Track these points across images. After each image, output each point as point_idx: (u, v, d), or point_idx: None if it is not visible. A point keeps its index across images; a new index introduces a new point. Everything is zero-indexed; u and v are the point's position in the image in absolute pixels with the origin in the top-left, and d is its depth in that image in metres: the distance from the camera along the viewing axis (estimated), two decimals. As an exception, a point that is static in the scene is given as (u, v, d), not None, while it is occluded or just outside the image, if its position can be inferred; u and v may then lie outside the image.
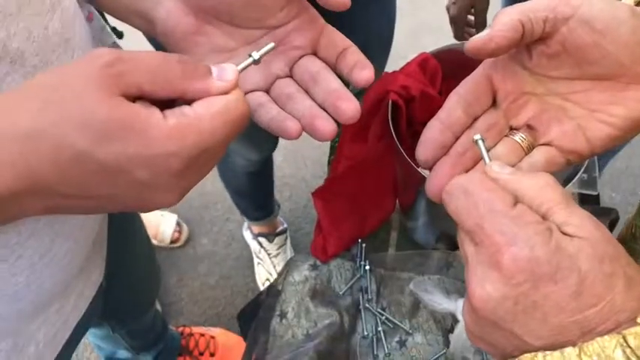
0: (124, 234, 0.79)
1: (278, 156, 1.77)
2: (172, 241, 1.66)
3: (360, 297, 0.80)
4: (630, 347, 0.30)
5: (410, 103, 0.72)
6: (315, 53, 0.43)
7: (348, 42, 0.43)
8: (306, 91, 0.42)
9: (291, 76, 0.43)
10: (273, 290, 0.82)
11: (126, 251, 0.81)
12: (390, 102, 0.71)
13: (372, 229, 0.85)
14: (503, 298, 0.33)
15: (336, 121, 0.41)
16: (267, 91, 0.43)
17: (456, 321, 0.73)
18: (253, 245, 1.61)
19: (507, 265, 0.32)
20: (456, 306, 0.73)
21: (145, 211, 0.36)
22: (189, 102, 0.33)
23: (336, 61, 0.42)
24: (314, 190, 0.82)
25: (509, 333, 0.33)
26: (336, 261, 0.82)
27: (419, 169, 0.68)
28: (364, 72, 0.41)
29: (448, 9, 1.06)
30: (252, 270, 1.64)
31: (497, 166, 0.37)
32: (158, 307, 1.43)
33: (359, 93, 0.93)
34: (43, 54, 0.38)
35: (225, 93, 0.33)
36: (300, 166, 1.85)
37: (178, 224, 1.69)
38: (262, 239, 1.57)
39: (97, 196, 0.31)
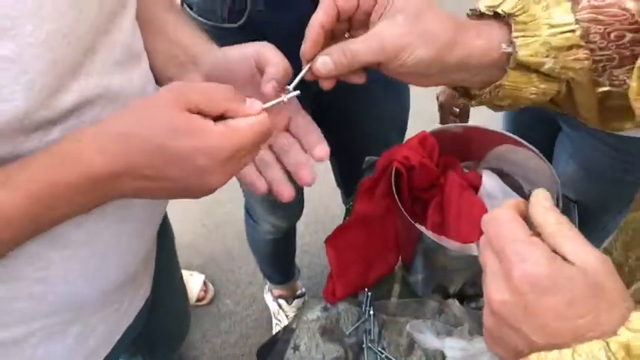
0: (167, 265, 0.94)
1: (300, 225, 1.92)
2: (198, 299, 1.80)
3: (364, 337, 0.92)
4: (611, 351, 0.38)
5: (410, 172, 0.87)
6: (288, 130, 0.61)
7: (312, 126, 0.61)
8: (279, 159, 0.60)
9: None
10: (289, 328, 0.94)
11: (166, 282, 0.95)
12: (394, 169, 0.87)
13: (376, 278, 0.98)
14: (515, 303, 0.42)
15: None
16: None
17: (444, 357, 0.84)
18: (273, 307, 1.73)
19: (518, 278, 0.42)
20: (443, 344, 0.85)
21: (202, 194, 0.51)
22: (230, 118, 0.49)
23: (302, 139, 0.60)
24: (327, 237, 0.97)
25: (520, 332, 0.42)
26: (344, 305, 0.95)
27: (417, 225, 0.82)
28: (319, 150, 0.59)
29: (438, 96, 1.24)
30: (270, 331, 1.75)
31: (542, 198, 0.47)
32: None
33: (372, 165, 1.10)
34: (128, 97, 0.56)
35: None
36: (320, 236, 1.99)
37: (205, 284, 1.83)
38: (282, 301, 1.70)
39: (171, 178, 0.47)
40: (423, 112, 1.39)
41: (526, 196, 0.91)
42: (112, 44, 0.54)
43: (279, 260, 1.59)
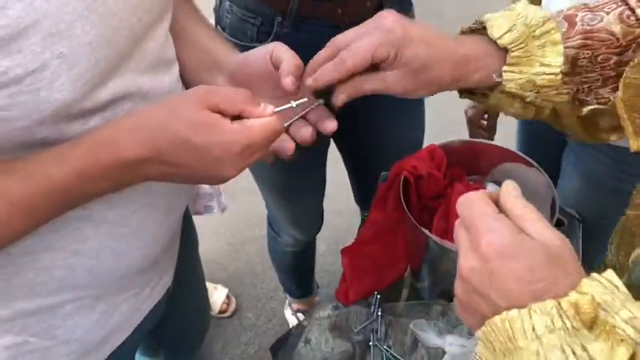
0: (189, 262, 1.02)
1: (321, 245, 1.99)
2: (221, 311, 1.87)
3: (371, 335, 0.98)
4: (562, 309, 0.42)
5: (419, 181, 0.94)
6: None
7: None
8: None
9: None
10: (301, 325, 1.01)
11: (188, 277, 1.02)
12: (403, 178, 0.94)
13: (387, 284, 1.04)
14: (482, 269, 0.46)
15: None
16: None
17: (444, 353, 0.90)
18: (292, 321, 1.80)
19: (484, 246, 0.47)
20: (443, 342, 0.91)
21: (217, 181, 0.59)
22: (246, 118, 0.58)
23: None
24: (343, 248, 1.04)
25: (486, 297, 0.46)
26: (355, 306, 1.02)
27: (424, 230, 0.89)
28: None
29: (466, 112, 1.32)
30: (288, 344, 1.81)
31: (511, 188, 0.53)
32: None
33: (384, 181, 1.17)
34: (157, 96, 0.65)
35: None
36: (339, 256, 2.05)
37: (228, 297, 1.90)
38: (300, 315, 1.76)
39: (190, 166, 0.56)
40: (432, 125, 1.46)
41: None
42: (146, 51, 0.63)
43: (298, 273, 1.66)
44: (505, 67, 0.62)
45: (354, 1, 1.01)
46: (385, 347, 0.96)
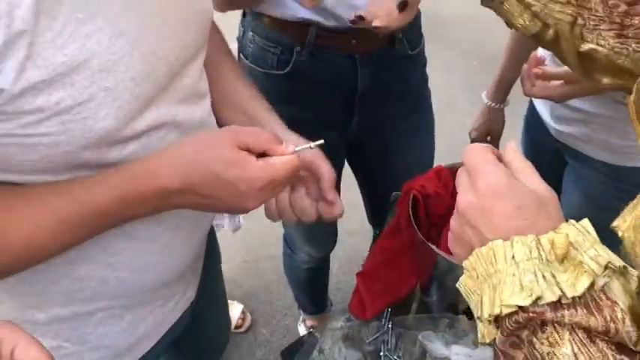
0: (212, 280, 1.08)
1: (335, 264, 2.05)
2: (237, 327, 1.93)
3: (382, 346, 1.03)
4: (540, 243, 0.48)
5: (427, 199, 1.01)
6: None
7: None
8: None
9: None
10: (314, 335, 1.07)
11: (211, 293, 1.08)
12: (412, 197, 1.00)
13: (399, 300, 1.10)
14: (476, 204, 0.53)
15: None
16: None
17: (450, 363, 0.95)
18: (305, 337, 1.85)
19: (481, 185, 0.53)
20: (450, 352, 0.96)
21: (240, 212, 0.66)
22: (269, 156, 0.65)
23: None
24: (358, 272, 1.11)
25: (477, 230, 0.53)
26: (367, 318, 1.07)
27: (431, 246, 0.95)
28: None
29: (470, 134, 1.39)
30: None
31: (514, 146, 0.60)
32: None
33: (394, 200, 1.24)
34: (190, 126, 0.72)
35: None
36: (352, 276, 2.11)
37: (243, 313, 1.96)
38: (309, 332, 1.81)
39: (218, 197, 0.63)
40: (440, 147, 1.53)
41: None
42: (181, 85, 0.70)
43: (312, 290, 1.71)
44: None
45: (368, 33, 1.08)
46: (395, 357, 1.01)
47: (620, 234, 0.53)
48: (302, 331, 1.88)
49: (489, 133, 1.38)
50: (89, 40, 0.56)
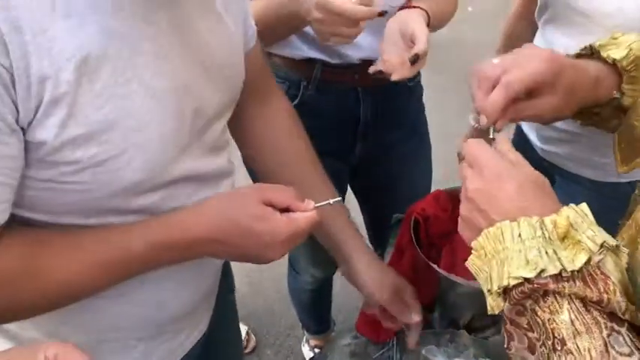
0: (225, 303, 1.12)
1: (336, 285, 2.11)
2: (242, 348, 1.98)
3: (388, 362, 1.10)
4: (544, 224, 0.54)
5: (427, 221, 1.08)
6: None
7: None
8: None
9: None
10: (323, 353, 1.13)
11: (224, 325, 1.10)
12: (413, 219, 1.07)
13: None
14: (483, 189, 0.60)
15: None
16: None
17: (452, 375, 1.02)
18: (309, 356, 1.90)
19: (486, 173, 0.60)
20: (452, 364, 1.03)
21: (264, 262, 0.73)
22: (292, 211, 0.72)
23: None
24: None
25: (484, 213, 0.59)
26: (372, 335, 1.14)
27: (432, 265, 1.02)
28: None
29: (458, 154, 1.47)
30: (306, 379, 1.91)
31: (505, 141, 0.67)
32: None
33: (398, 221, 1.31)
34: (209, 176, 0.79)
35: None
36: (353, 297, 2.17)
37: (248, 334, 2.01)
38: (318, 351, 1.87)
39: (244, 247, 0.70)
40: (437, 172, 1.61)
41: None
42: (205, 141, 0.78)
43: (316, 310, 1.78)
44: (624, 85, 0.74)
45: (368, 67, 1.17)
46: (400, 371, 1.08)
47: None
48: (305, 351, 1.93)
49: None
50: (124, 102, 0.63)
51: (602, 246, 0.53)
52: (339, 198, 0.80)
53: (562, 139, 1.23)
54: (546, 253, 0.54)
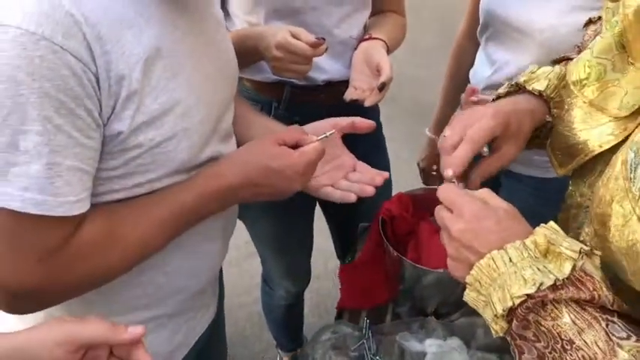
0: (220, 305, 1.21)
1: (305, 307, 2.20)
2: (216, 372, 2.03)
3: (365, 352, 1.20)
4: (525, 244, 0.61)
5: (393, 220, 1.21)
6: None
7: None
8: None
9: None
10: (305, 350, 1.22)
11: (219, 317, 1.20)
12: (381, 218, 1.20)
13: (373, 304, 1.27)
14: (467, 229, 0.66)
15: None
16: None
17: (424, 354, 1.13)
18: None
19: (466, 213, 0.67)
20: (424, 346, 1.14)
21: (289, 194, 0.87)
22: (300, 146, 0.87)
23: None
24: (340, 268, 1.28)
25: (472, 248, 0.65)
26: (349, 330, 1.24)
27: (401, 257, 1.14)
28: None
29: (418, 164, 1.62)
30: (280, 398, 1.97)
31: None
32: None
33: (364, 229, 1.43)
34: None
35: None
36: (321, 316, 2.27)
37: None
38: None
39: (270, 184, 0.83)
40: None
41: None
42: (222, 128, 0.91)
43: (289, 326, 1.86)
44: (553, 110, 0.86)
45: (333, 89, 1.31)
46: (378, 358, 1.18)
47: (588, 244, 0.69)
48: (280, 370, 2.00)
49: (435, 161, 1.62)
50: (174, 93, 0.76)
51: (580, 252, 0.60)
52: (333, 130, 0.96)
53: None
54: (538, 269, 0.60)
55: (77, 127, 0.68)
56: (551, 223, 0.65)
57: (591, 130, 0.76)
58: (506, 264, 0.62)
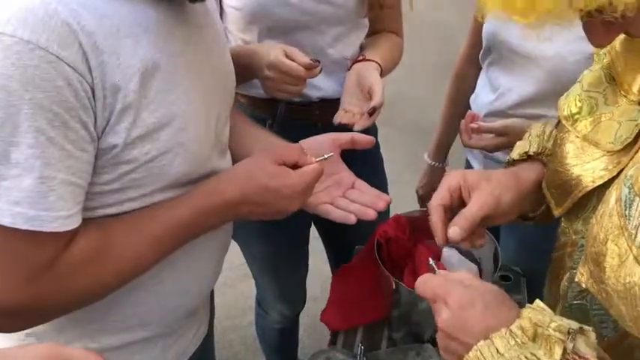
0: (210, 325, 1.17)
1: (300, 329, 2.15)
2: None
3: (360, 379, 1.15)
4: (512, 331, 0.59)
5: (389, 241, 1.17)
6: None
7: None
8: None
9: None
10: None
11: (209, 337, 1.15)
12: (376, 241, 1.16)
13: (368, 321, 1.23)
14: (452, 319, 0.64)
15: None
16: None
17: (421, 383, 1.08)
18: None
19: (451, 303, 0.65)
20: (420, 374, 1.09)
21: (285, 214, 0.85)
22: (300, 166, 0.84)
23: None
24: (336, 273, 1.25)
25: (458, 339, 0.63)
26: (343, 355, 1.19)
27: (395, 280, 1.10)
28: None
29: (417, 191, 1.58)
30: None
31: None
32: None
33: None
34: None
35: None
36: (317, 339, 2.22)
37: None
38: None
39: (268, 204, 0.81)
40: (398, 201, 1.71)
41: (477, 261, 1.19)
42: (220, 142, 0.89)
43: (284, 349, 1.81)
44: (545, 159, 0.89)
45: (326, 105, 1.28)
46: (372, 386, 1.13)
47: (584, 285, 0.67)
48: (273, 396, 1.94)
49: (434, 188, 1.58)
50: (172, 107, 0.74)
51: (569, 333, 0.58)
52: (332, 154, 0.94)
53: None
54: (526, 357, 0.58)
55: (71, 139, 0.66)
56: (537, 302, 0.63)
57: (584, 165, 0.74)
58: (493, 356, 0.60)
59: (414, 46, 1.50)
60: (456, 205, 0.87)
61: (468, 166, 1.54)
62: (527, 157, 0.92)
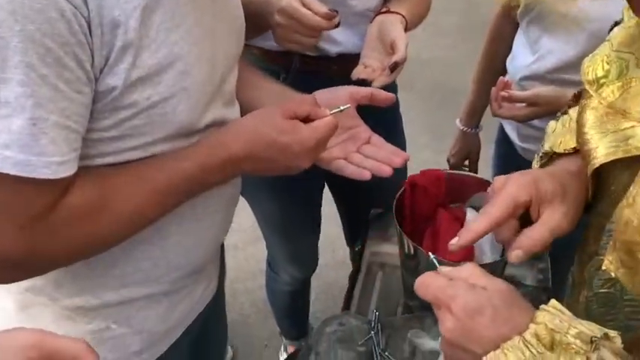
0: (221, 284, 1.12)
1: (312, 294, 2.12)
2: (218, 359, 1.95)
3: (373, 347, 1.10)
4: (527, 340, 0.53)
5: (415, 189, 1.09)
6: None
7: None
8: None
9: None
10: (310, 341, 1.13)
11: (220, 296, 1.12)
12: (396, 201, 1.09)
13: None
14: (457, 328, 0.58)
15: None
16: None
17: (438, 354, 1.03)
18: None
19: (454, 309, 0.58)
20: (437, 343, 1.04)
21: (295, 171, 0.79)
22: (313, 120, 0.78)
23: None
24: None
25: (466, 349, 0.57)
26: (357, 322, 1.14)
27: (415, 245, 1.03)
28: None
29: (449, 160, 1.50)
30: (284, 390, 1.89)
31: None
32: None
33: (376, 216, 1.33)
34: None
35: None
36: (328, 304, 2.18)
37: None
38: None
39: (276, 159, 0.75)
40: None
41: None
42: (225, 91, 0.83)
43: (294, 313, 1.77)
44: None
45: (345, 59, 1.20)
46: (387, 354, 1.09)
47: (612, 275, 0.60)
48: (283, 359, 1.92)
49: (467, 156, 1.50)
50: (174, 47, 0.68)
51: (592, 342, 0.52)
52: (349, 105, 0.87)
53: (539, 136, 1.28)
54: None
55: (65, 79, 0.61)
56: (554, 302, 0.57)
57: (604, 137, 0.64)
58: None
59: (437, 3, 1.40)
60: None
61: (502, 131, 1.46)
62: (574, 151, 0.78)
